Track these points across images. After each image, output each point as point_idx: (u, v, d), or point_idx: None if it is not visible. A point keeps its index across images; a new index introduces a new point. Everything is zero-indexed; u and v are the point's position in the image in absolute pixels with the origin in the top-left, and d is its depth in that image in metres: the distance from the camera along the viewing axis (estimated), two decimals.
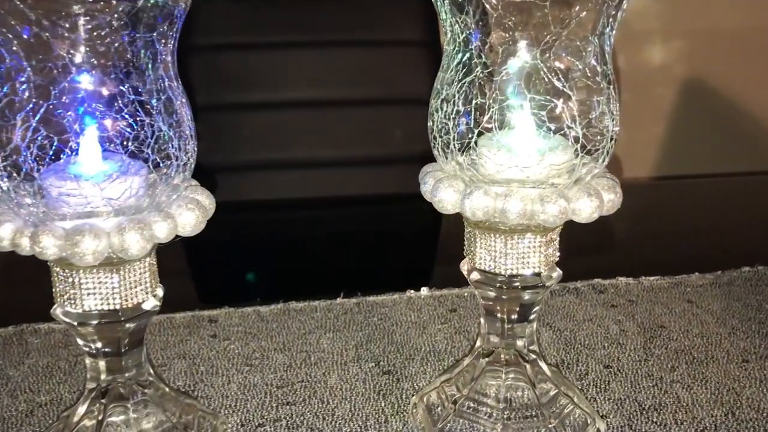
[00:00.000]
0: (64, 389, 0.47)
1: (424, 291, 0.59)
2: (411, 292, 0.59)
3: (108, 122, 0.32)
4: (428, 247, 0.77)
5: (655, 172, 1.58)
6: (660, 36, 1.50)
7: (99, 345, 0.37)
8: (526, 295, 0.39)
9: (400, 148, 1.05)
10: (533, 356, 0.41)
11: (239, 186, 1.01)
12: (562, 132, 0.35)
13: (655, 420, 0.43)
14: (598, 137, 0.35)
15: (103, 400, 0.38)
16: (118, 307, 0.35)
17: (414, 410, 0.44)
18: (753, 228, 0.77)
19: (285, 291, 0.59)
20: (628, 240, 0.74)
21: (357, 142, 1.04)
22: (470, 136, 0.36)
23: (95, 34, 0.31)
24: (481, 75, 0.35)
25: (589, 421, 0.41)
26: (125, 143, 0.32)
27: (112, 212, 0.33)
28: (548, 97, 0.34)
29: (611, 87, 0.36)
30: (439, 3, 0.36)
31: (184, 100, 0.35)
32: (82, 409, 0.39)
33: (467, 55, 0.35)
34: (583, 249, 0.69)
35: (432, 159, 0.39)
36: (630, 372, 0.48)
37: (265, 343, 0.52)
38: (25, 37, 0.30)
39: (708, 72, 1.53)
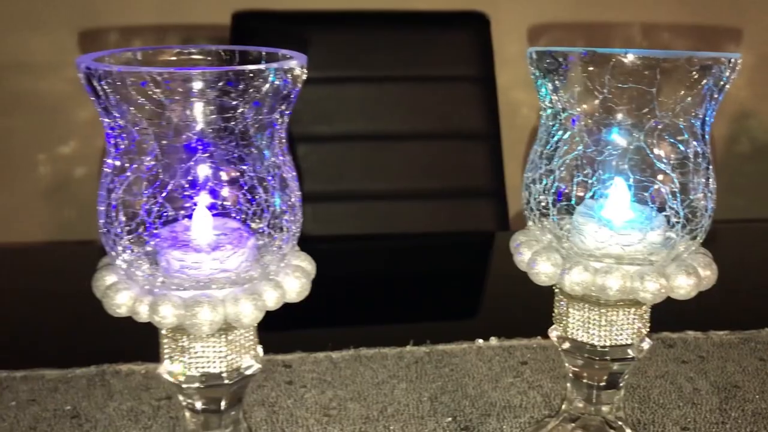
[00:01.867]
0: None
1: (493, 341, 0.60)
2: (480, 342, 0.60)
3: (228, 198, 0.33)
4: (480, 286, 0.78)
5: (721, 215, 1.54)
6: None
7: (201, 403, 0.38)
8: (615, 366, 0.40)
9: (452, 182, 1.06)
10: (620, 423, 0.42)
11: None
12: (662, 210, 0.35)
13: None
14: (698, 216, 0.36)
15: None
16: (223, 370, 0.36)
17: None
18: None
19: (353, 332, 0.60)
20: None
21: (410, 176, 1.05)
22: (571, 211, 0.36)
23: (220, 115, 0.32)
24: (583, 153, 0.36)
25: None
26: (244, 218, 0.33)
27: (226, 283, 0.34)
28: (650, 177, 0.35)
29: (709, 167, 0.36)
30: (539, 81, 0.37)
31: (294, 174, 0.36)
32: None
33: (568, 133, 0.36)
34: None
35: (480, 194, 0.40)
36: None
37: (341, 391, 0.53)
38: (155, 119, 0.31)
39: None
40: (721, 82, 0.34)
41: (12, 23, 1.20)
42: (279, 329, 0.67)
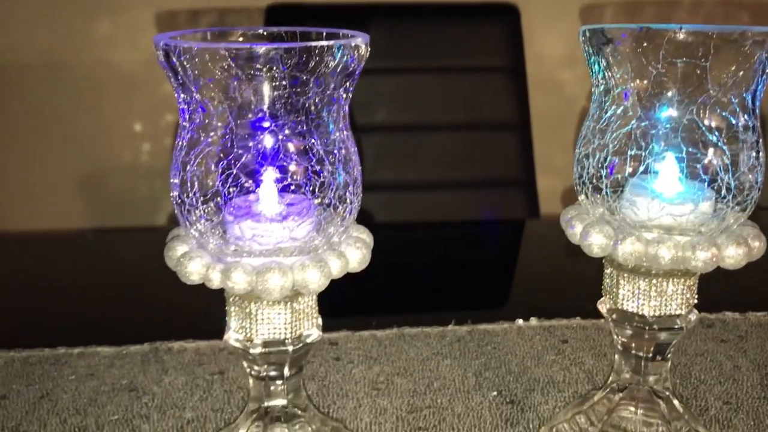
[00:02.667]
0: (206, 407, 0.50)
1: (534, 321, 0.61)
2: (520, 322, 0.61)
3: (297, 170, 0.35)
4: (509, 270, 0.79)
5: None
6: None
7: (264, 369, 0.40)
8: (663, 336, 0.41)
9: (484, 171, 1.07)
10: (667, 393, 0.43)
11: None
12: (714, 182, 0.36)
13: None
14: (747, 187, 0.37)
15: (264, 420, 0.41)
16: (286, 336, 0.38)
17: None
18: None
19: (391, 311, 0.62)
20: (731, 273, 0.75)
21: (442, 166, 1.07)
22: (623, 184, 0.38)
23: (289, 90, 0.34)
24: (636, 127, 0.37)
25: None
26: (313, 189, 0.35)
27: (295, 251, 0.35)
28: (701, 150, 0.36)
29: (759, 140, 0.37)
30: (592, 58, 0.38)
31: (355, 149, 0.37)
32: (242, 429, 0.42)
33: (621, 108, 0.37)
34: None
35: (512, 183, 0.41)
36: (751, 409, 0.49)
37: (387, 367, 0.55)
38: (231, 93, 0.33)
39: None
40: None
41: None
42: (324, 310, 0.69)
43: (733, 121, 0.36)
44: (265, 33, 0.39)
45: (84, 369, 0.55)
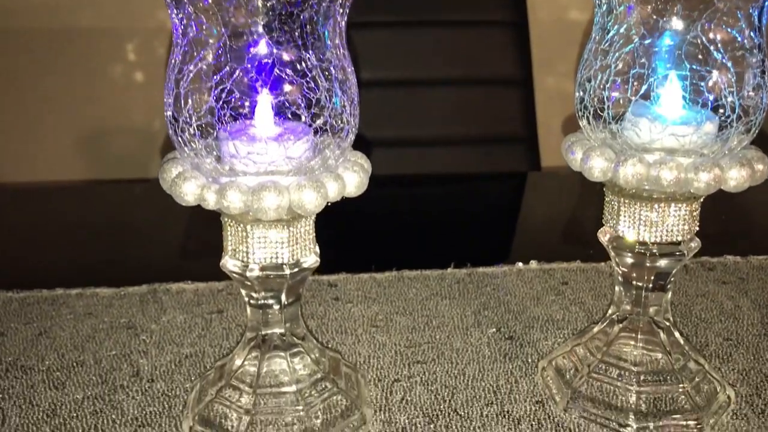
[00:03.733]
0: (205, 343, 0.50)
1: (533, 264, 0.61)
2: (520, 265, 0.61)
3: (294, 88, 0.34)
4: (511, 224, 0.78)
5: None
6: None
7: (261, 296, 0.39)
8: (664, 264, 0.40)
9: (485, 127, 1.06)
10: (667, 324, 0.42)
11: None
12: (717, 102, 0.36)
13: None
14: (752, 108, 0.36)
15: (262, 349, 0.41)
16: (283, 261, 0.38)
17: (543, 372, 0.45)
18: None
19: (395, 260, 0.61)
20: (733, 220, 0.74)
21: (444, 122, 1.06)
22: (625, 104, 0.37)
23: (286, 2, 0.33)
24: (639, 45, 0.36)
25: (719, 389, 0.42)
26: (309, 107, 0.34)
27: (291, 171, 0.35)
28: (706, 68, 0.35)
29: (765, 59, 0.36)
30: None
31: (352, 69, 0.37)
32: (240, 358, 0.41)
33: (624, 26, 0.37)
34: None
35: (512, 139, 0.40)
36: (751, 345, 0.49)
37: (386, 307, 0.55)
38: (221, 6, 0.32)
39: None
40: None
41: None
42: (324, 254, 0.69)
43: (739, 38, 0.35)
44: None
45: (82, 308, 0.55)
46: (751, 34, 0.35)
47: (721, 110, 0.36)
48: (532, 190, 0.89)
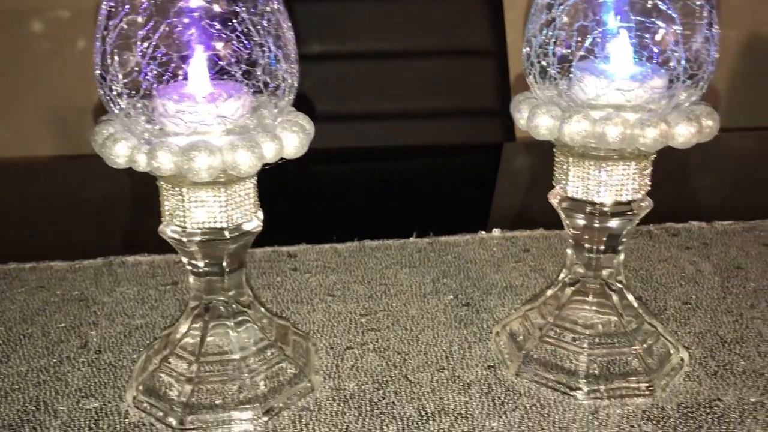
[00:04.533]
0: (157, 314, 0.49)
1: (496, 232, 0.60)
2: (483, 233, 0.60)
3: (222, 43, 0.33)
4: (486, 195, 0.77)
5: (743, 123, 1.54)
6: None
7: (203, 263, 0.38)
8: (616, 224, 0.40)
9: (461, 99, 1.05)
10: (620, 286, 0.42)
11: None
12: (665, 55, 0.35)
13: (737, 352, 0.44)
14: (700, 62, 0.35)
15: (205, 318, 0.40)
16: (223, 225, 0.37)
17: (497, 337, 0.45)
18: None
19: (358, 231, 0.60)
20: (701, 187, 0.74)
21: (417, 94, 1.04)
22: (570, 59, 0.36)
23: None
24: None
25: (672, 351, 0.42)
26: (239, 63, 0.33)
27: (224, 131, 0.34)
28: (653, 20, 0.34)
29: (713, 12, 0.36)
30: None
31: (289, 24, 0.35)
32: (184, 327, 0.41)
33: None
34: (655, 194, 0.69)
35: (486, 111, 0.39)
36: (709, 308, 0.49)
37: (344, 276, 0.54)
38: None
39: None
40: None
41: None
42: (284, 224, 0.68)
43: None
44: None
45: (35, 282, 0.54)
46: None
47: (669, 64, 0.35)
48: (507, 161, 0.89)
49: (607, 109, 0.36)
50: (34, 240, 0.63)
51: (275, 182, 0.41)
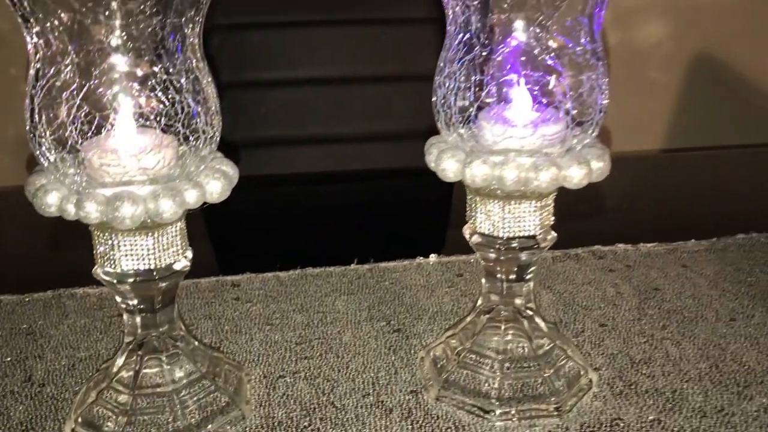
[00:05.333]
0: (101, 346, 0.51)
1: (433, 257, 0.63)
2: (420, 259, 0.63)
3: (142, 100, 0.36)
4: (437, 217, 0.80)
5: (665, 145, 1.60)
6: (662, 9, 1.51)
7: (135, 302, 0.41)
8: (523, 256, 0.43)
9: (411, 122, 1.08)
10: (530, 313, 0.45)
11: (260, 160, 1.05)
12: (555, 105, 0.38)
13: (644, 372, 0.47)
14: (589, 110, 0.39)
15: (139, 352, 0.42)
16: (152, 266, 0.39)
17: (421, 363, 0.47)
18: (750, 198, 0.80)
19: (303, 259, 0.63)
20: (629, 209, 0.77)
21: (370, 118, 1.07)
22: (470, 109, 0.39)
23: (130, 20, 0.34)
24: (480, 54, 0.38)
25: (582, 372, 0.45)
26: (158, 118, 0.36)
27: (147, 181, 0.36)
28: (542, 74, 0.38)
29: (601, 63, 0.39)
30: None
31: (209, 79, 0.38)
32: (120, 361, 0.43)
33: (467, 35, 0.38)
34: (585, 217, 0.72)
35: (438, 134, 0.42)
36: (624, 330, 0.52)
37: (285, 305, 0.56)
38: (69, 24, 0.34)
39: (711, 46, 1.54)
40: None
41: None
42: (230, 254, 0.70)
43: (571, 44, 0.37)
44: None
45: None
46: (583, 40, 0.38)
47: (561, 113, 0.38)
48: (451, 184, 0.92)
49: (509, 154, 0.39)
50: None
51: (223, 211, 0.43)
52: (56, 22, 0.34)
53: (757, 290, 0.57)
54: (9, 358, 0.50)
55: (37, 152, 0.36)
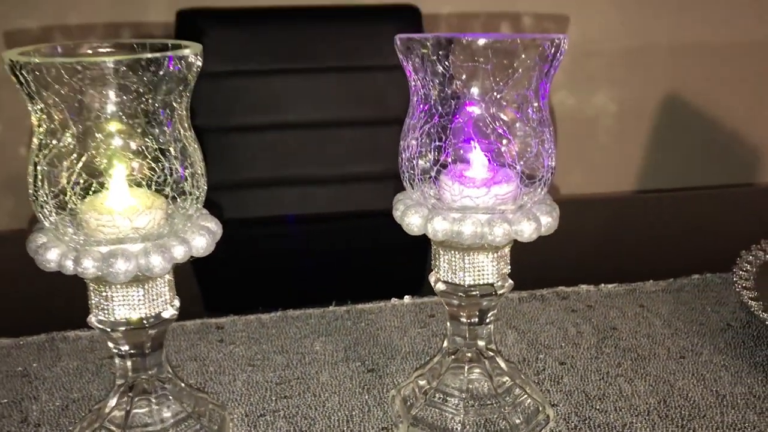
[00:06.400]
0: (93, 387, 0.55)
1: (407, 299, 0.67)
2: (395, 300, 0.67)
3: (135, 165, 0.40)
4: (412, 259, 0.85)
5: (634, 187, 1.66)
6: (642, 53, 1.58)
7: (126, 348, 0.44)
8: (483, 302, 0.47)
9: (390, 165, 1.13)
10: (491, 353, 0.49)
11: (242, 202, 1.09)
12: (506, 167, 0.42)
13: (598, 408, 0.51)
14: (537, 171, 0.43)
15: (130, 394, 0.46)
16: (143, 315, 0.43)
17: (392, 401, 0.51)
18: (705, 239, 0.85)
19: (284, 299, 0.67)
20: (592, 251, 0.82)
21: (349, 161, 1.12)
22: (431, 171, 0.43)
23: (124, 97, 0.38)
24: (439, 122, 0.43)
25: (540, 409, 0.49)
26: (149, 183, 0.40)
27: (138, 239, 0.40)
28: (494, 140, 0.42)
29: (547, 129, 0.43)
30: (404, 63, 0.43)
31: (196, 146, 0.42)
32: (112, 402, 0.46)
33: (427, 105, 0.43)
34: (550, 260, 0.76)
35: None
36: (581, 368, 0.56)
37: (266, 346, 0.60)
38: (69, 100, 0.38)
39: (686, 89, 1.61)
40: (549, 58, 0.41)
41: None
42: (216, 297, 0.74)
43: (519, 115, 0.42)
44: (116, 45, 0.44)
45: None
46: (530, 110, 0.42)
47: (512, 174, 0.43)
48: None
49: (466, 211, 0.43)
50: None
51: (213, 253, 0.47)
52: (58, 99, 0.38)
53: (707, 329, 0.61)
54: (5, 400, 0.53)
55: (39, 213, 0.40)
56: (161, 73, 0.38)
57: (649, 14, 1.53)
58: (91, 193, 0.40)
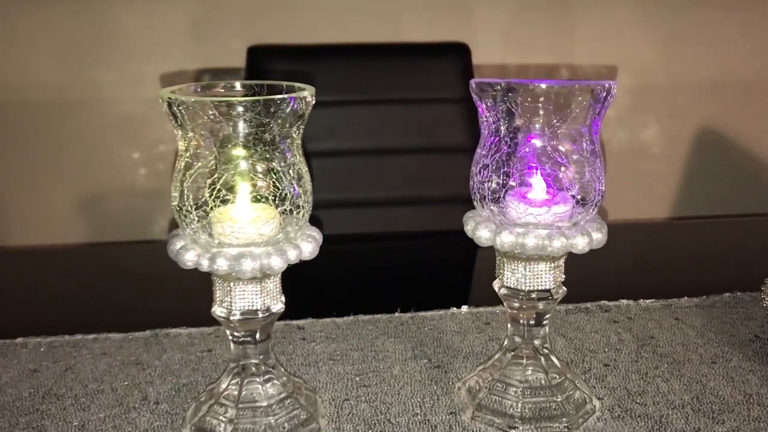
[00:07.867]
0: (198, 375, 0.64)
1: (464, 308, 0.75)
2: (454, 309, 0.75)
3: (261, 184, 0.49)
4: (465, 274, 0.93)
5: (670, 214, 1.73)
6: (678, 89, 1.66)
7: (240, 335, 0.53)
8: (541, 306, 0.55)
9: (440, 189, 1.21)
10: (546, 351, 0.57)
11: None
12: (564, 190, 0.51)
13: (638, 401, 0.58)
14: (589, 194, 0.51)
15: (242, 375, 0.54)
16: (257, 308, 0.52)
17: (458, 391, 0.59)
18: (737, 262, 0.91)
19: (355, 307, 0.75)
20: (632, 270, 0.89)
21: (403, 185, 1.21)
22: (499, 193, 0.52)
23: (255, 129, 0.48)
24: (506, 151, 0.51)
25: (587, 400, 0.56)
26: (272, 198, 0.49)
27: (262, 243, 0.49)
28: (553, 168, 0.51)
29: (598, 159, 0.52)
30: (477, 102, 0.52)
31: (306, 169, 0.51)
32: (225, 382, 0.55)
33: (497, 138, 0.52)
34: (594, 277, 0.84)
35: (463, 200, 0.55)
36: (623, 369, 0.63)
37: (343, 344, 0.68)
38: (210, 131, 0.47)
39: (718, 124, 1.68)
40: (600, 101, 0.50)
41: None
42: (296, 302, 0.82)
43: (574, 147, 0.51)
44: (242, 85, 0.53)
45: (98, 350, 0.68)
46: (585, 143, 0.51)
47: (568, 196, 0.51)
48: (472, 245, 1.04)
49: (529, 226, 0.52)
50: (92, 314, 0.78)
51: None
52: (203, 130, 0.47)
53: (737, 339, 0.68)
54: (126, 382, 0.62)
55: (182, 222, 0.50)
56: (286, 110, 0.48)
57: (688, 55, 1.61)
58: (220, 204, 0.50)
